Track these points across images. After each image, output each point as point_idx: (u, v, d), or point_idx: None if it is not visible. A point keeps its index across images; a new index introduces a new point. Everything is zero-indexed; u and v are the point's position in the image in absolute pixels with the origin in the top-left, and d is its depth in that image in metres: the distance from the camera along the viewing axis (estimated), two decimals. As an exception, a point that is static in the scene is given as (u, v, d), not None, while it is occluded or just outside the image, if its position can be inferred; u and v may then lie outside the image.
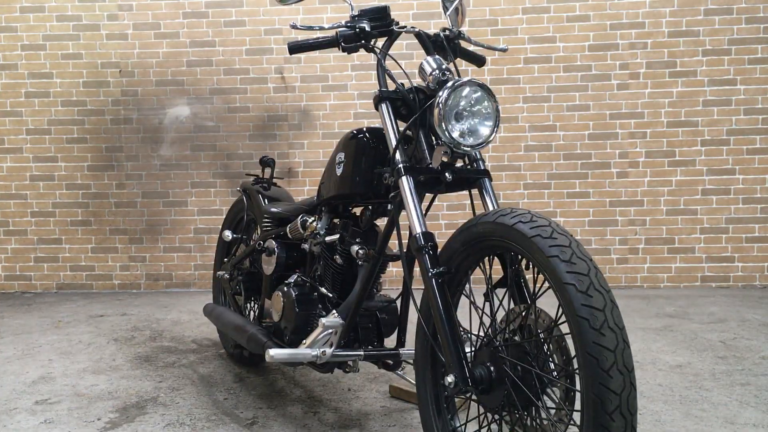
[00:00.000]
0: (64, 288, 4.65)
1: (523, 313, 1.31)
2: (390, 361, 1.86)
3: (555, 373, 1.25)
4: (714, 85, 4.26)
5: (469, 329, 1.46)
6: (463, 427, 1.54)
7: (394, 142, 1.54)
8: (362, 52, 1.71)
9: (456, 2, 1.71)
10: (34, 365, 2.69)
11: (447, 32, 1.69)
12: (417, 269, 1.50)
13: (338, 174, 1.83)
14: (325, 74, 4.44)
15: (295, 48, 1.66)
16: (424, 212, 1.50)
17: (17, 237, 4.64)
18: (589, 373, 1.06)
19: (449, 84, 1.46)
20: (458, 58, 1.72)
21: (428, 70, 1.53)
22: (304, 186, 4.52)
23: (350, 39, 1.63)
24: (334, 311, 1.80)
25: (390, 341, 1.92)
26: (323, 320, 1.75)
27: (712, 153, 4.29)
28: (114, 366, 2.66)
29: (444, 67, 1.54)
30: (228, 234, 2.65)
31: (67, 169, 4.60)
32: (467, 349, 1.39)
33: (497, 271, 1.46)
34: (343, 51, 1.65)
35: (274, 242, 2.20)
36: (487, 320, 1.40)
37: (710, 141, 4.28)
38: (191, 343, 3.04)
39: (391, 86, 1.65)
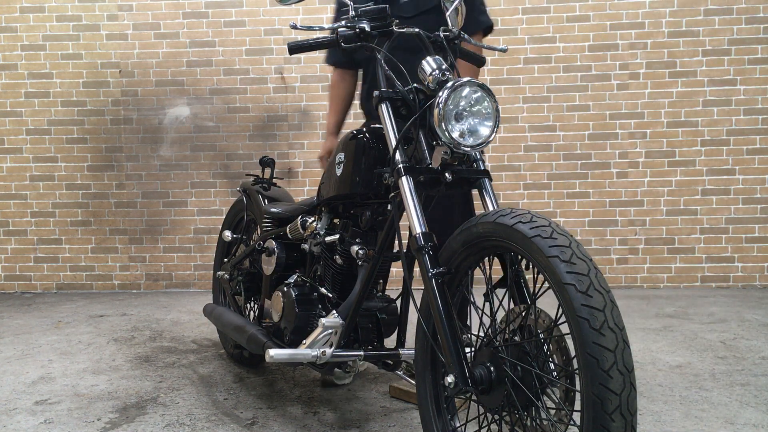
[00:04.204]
0: (64, 288, 4.65)
1: (523, 314, 1.31)
2: (390, 361, 1.86)
3: (555, 374, 1.25)
4: (714, 85, 4.26)
5: (469, 329, 1.46)
6: (463, 427, 1.54)
7: (394, 142, 1.54)
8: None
9: (456, 2, 1.71)
10: (34, 365, 2.69)
11: (447, 32, 1.69)
12: (417, 269, 1.50)
13: (338, 174, 1.83)
14: (325, 74, 4.44)
15: (295, 48, 1.66)
16: (424, 212, 1.50)
17: (17, 237, 4.64)
18: (589, 374, 1.06)
19: (449, 84, 1.46)
20: (458, 59, 1.72)
21: (428, 70, 1.53)
22: (304, 186, 4.52)
23: (350, 39, 1.63)
24: (334, 311, 1.80)
25: (390, 341, 1.92)
26: (323, 320, 1.75)
27: (712, 153, 4.29)
28: (114, 366, 2.66)
29: (444, 67, 1.54)
30: (228, 234, 2.65)
31: (67, 169, 4.60)
32: (467, 349, 1.39)
33: (497, 271, 1.46)
34: (343, 51, 1.65)
35: (274, 242, 2.20)
36: (487, 320, 1.40)
37: (710, 141, 4.28)
38: (191, 343, 3.04)
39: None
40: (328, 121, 2.46)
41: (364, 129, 1.79)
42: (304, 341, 1.81)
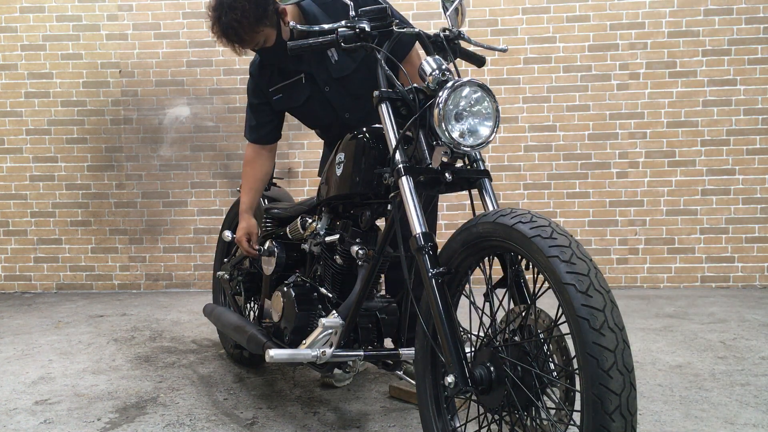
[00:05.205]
0: (64, 288, 4.65)
1: (523, 314, 1.31)
2: (390, 361, 1.86)
3: (555, 374, 1.25)
4: (714, 85, 4.26)
5: (469, 329, 1.46)
6: (463, 427, 1.54)
7: (394, 142, 1.54)
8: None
9: (456, 2, 1.70)
10: (34, 365, 2.69)
11: (447, 32, 1.69)
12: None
13: (338, 174, 1.83)
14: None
15: (295, 48, 1.66)
16: (424, 212, 1.50)
17: (17, 237, 4.64)
18: (589, 374, 1.06)
19: (449, 84, 1.45)
20: (458, 59, 1.72)
21: (428, 70, 1.53)
22: (304, 186, 4.52)
23: (350, 39, 1.63)
24: (334, 311, 1.80)
25: (390, 341, 1.93)
26: (323, 320, 1.75)
27: (712, 153, 4.29)
28: (114, 366, 2.66)
29: (444, 67, 1.53)
30: (228, 234, 2.64)
31: (67, 169, 4.60)
32: (467, 349, 1.39)
33: (497, 271, 1.46)
34: (343, 51, 1.65)
35: (273, 243, 2.20)
36: (487, 320, 1.40)
37: (710, 141, 4.28)
38: (191, 343, 3.04)
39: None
40: (242, 200, 2.35)
41: (365, 129, 1.79)
42: (304, 341, 1.81)
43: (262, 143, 2.31)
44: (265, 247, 2.24)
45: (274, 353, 1.72)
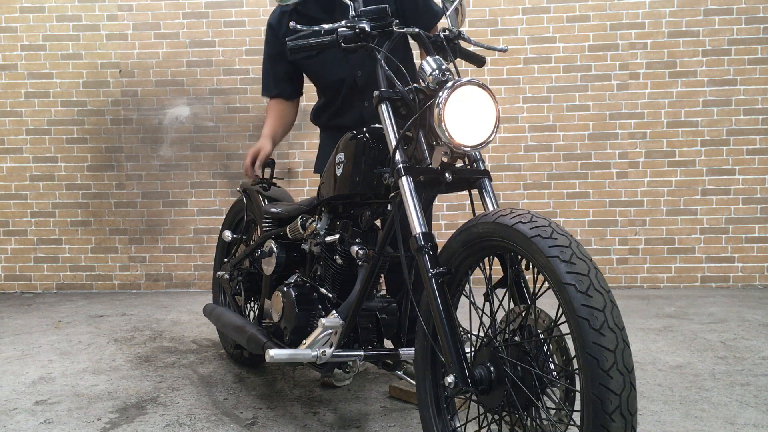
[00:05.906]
0: (64, 288, 4.65)
1: (523, 314, 1.31)
2: (390, 361, 1.86)
3: (555, 374, 1.25)
4: (714, 85, 4.26)
5: (469, 329, 1.46)
6: (463, 427, 1.54)
7: (394, 143, 1.54)
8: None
9: (456, 2, 1.71)
10: (34, 365, 2.68)
11: (447, 32, 1.69)
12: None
13: (338, 174, 1.83)
14: (325, 74, 4.44)
15: (296, 49, 1.66)
16: (424, 212, 1.50)
17: (17, 237, 4.64)
18: (589, 374, 1.06)
19: (449, 84, 1.45)
20: (458, 59, 1.72)
21: (428, 70, 1.53)
22: (304, 186, 4.52)
23: (350, 39, 1.63)
24: (334, 311, 1.80)
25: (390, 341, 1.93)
26: (323, 320, 1.75)
27: (712, 153, 4.29)
28: (114, 366, 2.66)
29: (444, 67, 1.53)
30: (228, 234, 2.65)
31: (67, 169, 4.60)
32: (467, 349, 1.39)
33: (497, 271, 1.46)
34: (343, 51, 1.65)
35: (273, 243, 2.20)
36: (487, 320, 1.40)
37: (710, 141, 4.28)
38: (191, 343, 3.04)
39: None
40: (264, 128, 2.39)
41: (365, 129, 1.79)
42: (304, 341, 1.81)
43: (282, 97, 2.34)
44: (265, 247, 2.24)
45: (274, 353, 1.72)
